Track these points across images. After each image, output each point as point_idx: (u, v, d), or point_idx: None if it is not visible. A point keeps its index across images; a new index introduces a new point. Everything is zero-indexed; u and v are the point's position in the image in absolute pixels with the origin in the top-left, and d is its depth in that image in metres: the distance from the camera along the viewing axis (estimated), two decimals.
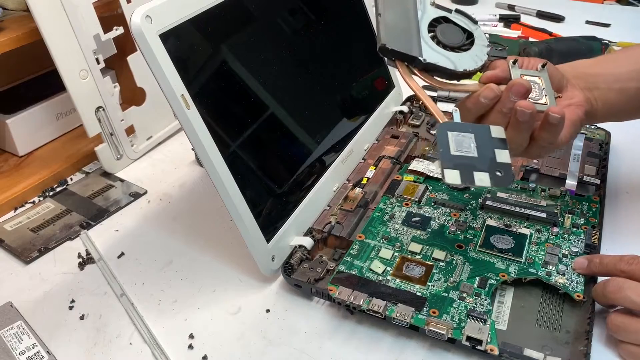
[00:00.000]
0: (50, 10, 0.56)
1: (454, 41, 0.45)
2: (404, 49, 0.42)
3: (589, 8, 1.13)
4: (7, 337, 0.45)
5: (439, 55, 0.43)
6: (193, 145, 0.44)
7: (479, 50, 0.45)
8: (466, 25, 0.46)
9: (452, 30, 0.45)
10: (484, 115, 0.45)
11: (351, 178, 0.60)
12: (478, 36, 0.46)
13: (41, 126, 0.69)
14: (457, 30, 0.46)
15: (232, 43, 0.48)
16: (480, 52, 0.45)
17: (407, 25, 0.43)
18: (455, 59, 0.44)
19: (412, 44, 0.42)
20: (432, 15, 0.45)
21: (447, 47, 0.44)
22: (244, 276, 0.51)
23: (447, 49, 0.44)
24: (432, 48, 0.43)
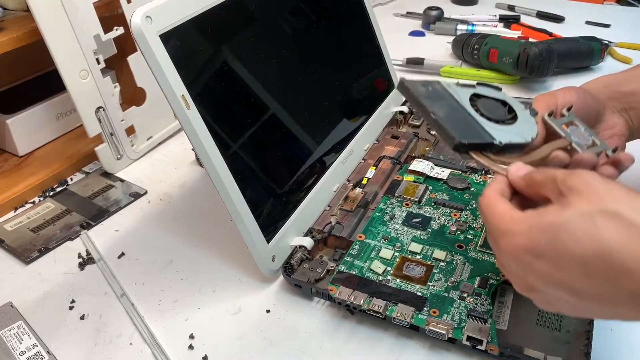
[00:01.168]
0: (50, 10, 0.56)
1: (501, 114, 0.43)
2: (477, 139, 0.39)
3: (589, 8, 1.13)
4: (7, 337, 0.45)
5: (506, 133, 0.41)
6: (193, 145, 0.44)
7: (523, 113, 0.43)
8: (494, 94, 0.45)
9: (490, 104, 0.44)
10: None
11: (351, 178, 0.60)
12: (510, 101, 0.44)
13: (41, 126, 0.69)
14: (494, 103, 0.44)
15: (232, 43, 0.48)
16: (526, 115, 0.43)
17: (461, 115, 0.41)
18: (516, 130, 0.42)
19: (479, 131, 0.40)
20: (465, 95, 0.43)
21: (500, 122, 0.42)
22: (244, 276, 0.51)
23: (504, 124, 0.42)
24: (495, 128, 0.41)
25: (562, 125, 0.43)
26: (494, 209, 0.36)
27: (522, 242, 0.33)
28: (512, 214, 0.35)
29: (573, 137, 0.42)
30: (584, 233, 0.31)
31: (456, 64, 0.88)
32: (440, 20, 1.04)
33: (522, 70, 0.80)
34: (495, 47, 0.84)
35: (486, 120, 0.41)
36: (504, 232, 0.34)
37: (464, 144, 0.38)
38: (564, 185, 0.33)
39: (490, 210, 0.36)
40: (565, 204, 0.32)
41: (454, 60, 0.91)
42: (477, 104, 0.43)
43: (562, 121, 0.44)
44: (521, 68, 0.80)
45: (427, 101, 0.41)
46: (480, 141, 0.39)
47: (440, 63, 0.87)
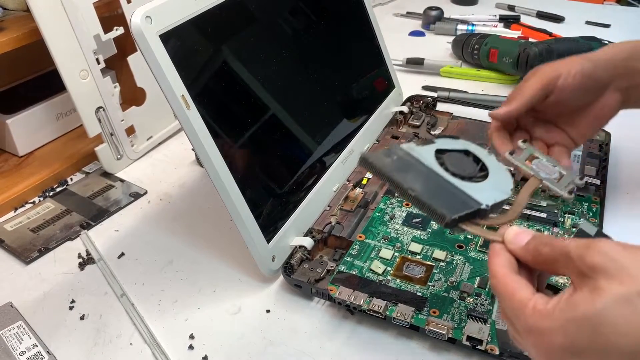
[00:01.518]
0: (50, 11, 0.56)
1: (471, 168, 0.40)
2: (466, 209, 0.36)
3: (588, 8, 1.13)
4: (7, 337, 0.45)
5: (487, 191, 0.38)
6: (193, 146, 0.44)
7: (491, 162, 0.41)
8: (455, 145, 0.41)
9: (456, 158, 0.41)
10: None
11: (351, 178, 0.60)
12: (473, 149, 0.41)
13: (41, 126, 0.69)
14: (459, 156, 0.41)
15: (232, 43, 0.48)
16: (494, 163, 0.41)
17: (437, 183, 0.38)
18: (494, 184, 0.39)
19: (464, 199, 0.37)
20: (430, 155, 0.40)
21: (474, 178, 0.39)
22: (244, 276, 0.51)
23: (478, 180, 0.39)
24: (474, 188, 0.38)
25: (526, 162, 0.42)
26: (513, 297, 0.32)
27: (558, 341, 0.29)
28: (536, 304, 0.31)
29: (542, 174, 0.41)
30: (627, 322, 0.27)
31: (456, 64, 0.88)
32: (440, 20, 1.04)
33: (522, 70, 0.79)
34: (495, 47, 0.84)
35: (461, 180, 0.39)
36: (533, 329, 0.30)
37: (455, 220, 0.35)
38: (583, 264, 0.30)
39: (509, 297, 0.32)
40: (595, 288, 0.29)
41: (454, 60, 0.91)
42: (444, 161, 0.40)
43: (524, 156, 0.42)
44: (521, 68, 0.79)
45: (398, 176, 0.38)
46: (469, 210, 0.36)
47: (440, 63, 0.87)
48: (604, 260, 0.29)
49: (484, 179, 0.39)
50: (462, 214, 0.35)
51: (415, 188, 0.36)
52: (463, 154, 0.41)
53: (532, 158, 0.43)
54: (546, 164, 0.42)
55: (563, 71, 0.49)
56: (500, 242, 0.35)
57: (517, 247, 0.34)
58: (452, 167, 0.39)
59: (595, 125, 0.52)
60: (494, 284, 0.33)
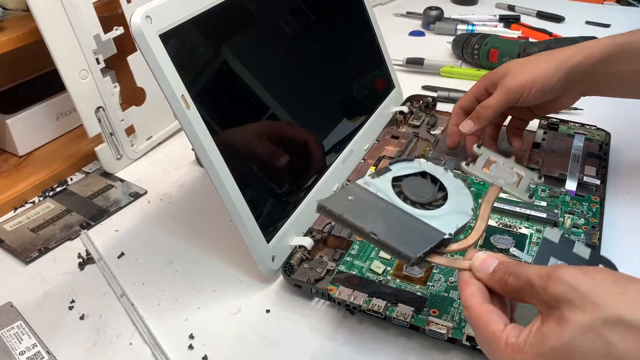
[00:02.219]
0: (50, 10, 0.56)
1: (430, 192, 0.39)
2: (430, 243, 0.36)
3: (588, 8, 1.13)
4: (7, 337, 0.45)
5: (448, 217, 0.38)
6: (193, 145, 0.44)
7: (449, 180, 0.40)
8: (411, 168, 0.41)
9: (414, 184, 0.40)
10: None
11: (351, 178, 0.60)
12: (429, 169, 0.41)
13: (41, 126, 0.69)
14: (416, 180, 0.40)
15: (232, 43, 0.48)
16: (452, 181, 0.40)
17: (398, 219, 0.37)
18: (455, 207, 0.38)
19: (426, 232, 0.37)
20: (387, 186, 0.39)
21: (434, 203, 0.39)
22: (244, 276, 0.51)
23: (439, 205, 0.39)
24: (436, 216, 0.37)
25: (483, 170, 0.41)
26: (487, 329, 0.32)
27: None
28: (509, 337, 0.31)
29: (500, 180, 0.41)
30: (594, 351, 0.28)
31: (456, 64, 0.88)
32: (440, 20, 1.04)
33: None
34: (495, 47, 0.84)
35: (421, 209, 0.38)
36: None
37: (420, 257, 0.35)
38: (546, 295, 0.30)
39: (483, 328, 0.33)
40: (560, 319, 0.29)
41: (454, 60, 0.91)
42: (401, 189, 0.39)
43: (481, 163, 0.41)
44: None
45: (358, 220, 0.37)
46: (433, 244, 0.36)
47: (440, 63, 0.87)
48: (565, 290, 0.30)
49: (444, 200, 0.39)
50: (427, 249, 0.35)
51: (377, 231, 0.36)
52: (420, 177, 0.41)
53: (489, 163, 0.42)
54: (503, 167, 0.42)
55: (526, 89, 0.54)
56: (469, 269, 0.35)
57: (485, 275, 0.34)
58: (410, 195, 0.39)
59: (556, 110, 0.60)
60: (468, 315, 0.34)
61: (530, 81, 0.54)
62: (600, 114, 0.68)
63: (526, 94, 0.54)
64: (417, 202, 0.38)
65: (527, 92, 0.54)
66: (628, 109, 0.69)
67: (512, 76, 0.55)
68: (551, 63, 0.54)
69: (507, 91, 0.54)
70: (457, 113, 0.60)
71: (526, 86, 0.54)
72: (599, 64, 0.53)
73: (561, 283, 0.30)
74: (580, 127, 0.68)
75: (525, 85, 0.54)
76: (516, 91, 0.54)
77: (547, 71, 0.54)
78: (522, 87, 0.54)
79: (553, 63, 0.54)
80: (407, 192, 0.39)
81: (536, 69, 0.54)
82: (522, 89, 0.54)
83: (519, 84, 0.54)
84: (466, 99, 0.60)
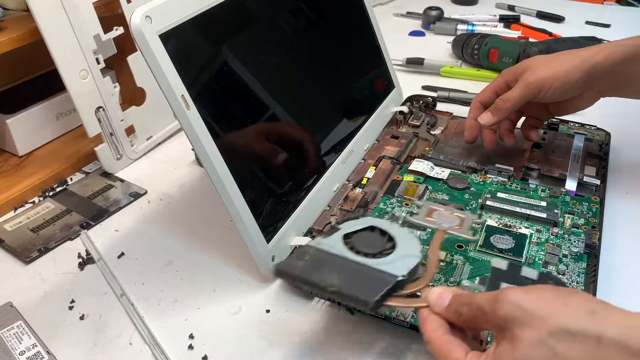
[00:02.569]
0: (50, 10, 0.56)
1: (380, 243, 0.41)
2: (385, 286, 0.37)
3: (588, 8, 1.13)
4: (7, 337, 0.45)
5: (399, 261, 0.39)
6: (193, 146, 0.44)
7: (395, 230, 0.42)
8: (359, 224, 0.43)
9: (364, 238, 0.42)
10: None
11: (351, 178, 0.60)
12: (376, 223, 0.43)
13: (41, 126, 0.69)
14: (366, 235, 0.42)
15: (232, 43, 0.48)
16: (399, 231, 0.42)
17: (352, 270, 0.39)
18: (405, 252, 0.40)
19: (381, 277, 0.38)
20: (338, 243, 0.41)
21: (385, 252, 0.40)
22: (244, 276, 0.51)
23: (389, 252, 0.40)
24: (387, 262, 0.39)
25: (426, 218, 0.44)
26: (448, 358, 0.34)
27: None
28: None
29: (444, 225, 0.43)
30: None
31: (456, 64, 0.88)
32: (440, 20, 1.04)
33: None
34: (495, 47, 0.84)
35: (373, 258, 0.39)
36: None
37: (378, 301, 0.36)
38: (497, 318, 0.32)
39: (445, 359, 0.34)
40: (512, 338, 0.31)
41: (454, 60, 0.91)
42: (353, 244, 0.41)
43: (424, 213, 0.44)
44: None
45: (314, 276, 0.38)
46: (389, 286, 0.37)
47: (440, 63, 0.87)
48: (512, 310, 0.31)
49: (394, 249, 0.41)
50: (383, 292, 0.36)
51: (333, 282, 0.37)
52: (369, 231, 0.43)
53: (432, 211, 0.46)
54: (445, 213, 0.45)
55: (546, 85, 0.54)
56: (426, 306, 0.36)
57: (441, 309, 0.36)
58: (362, 247, 0.41)
59: (573, 110, 0.60)
60: (431, 349, 0.35)
61: (551, 77, 0.54)
62: (600, 114, 0.68)
63: (546, 90, 0.55)
64: (368, 253, 0.40)
65: (547, 87, 0.54)
66: (628, 109, 0.69)
67: (533, 71, 0.55)
68: (573, 61, 0.55)
69: (528, 85, 0.55)
70: (476, 107, 0.61)
71: (547, 82, 0.54)
72: (619, 64, 0.54)
73: (507, 303, 0.31)
74: (580, 127, 0.68)
75: (546, 80, 0.54)
76: (536, 86, 0.55)
77: (569, 68, 0.54)
78: (543, 83, 0.55)
79: (575, 61, 0.55)
80: (358, 246, 0.41)
81: (558, 66, 0.55)
82: (543, 85, 0.55)
83: (540, 79, 0.55)
84: (485, 94, 0.60)
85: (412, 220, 0.44)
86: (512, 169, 0.60)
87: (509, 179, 0.58)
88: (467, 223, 0.45)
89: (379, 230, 0.42)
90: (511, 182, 0.58)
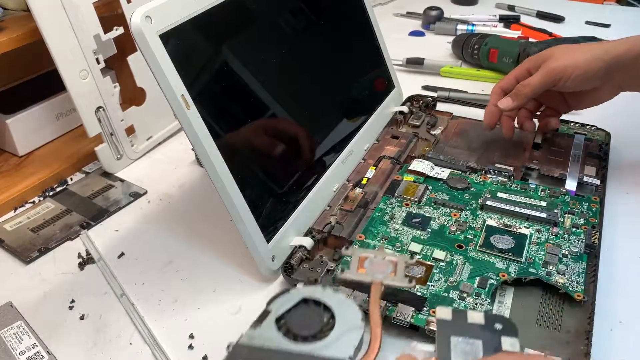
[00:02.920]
0: (50, 10, 0.56)
1: (318, 320, 0.37)
2: None
3: (588, 8, 1.13)
4: (7, 337, 0.45)
5: (343, 339, 0.36)
6: (193, 146, 0.44)
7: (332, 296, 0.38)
8: (290, 299, 0.40)
9: (297, 317, 0.38)
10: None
11: (351, 178, 0.60)
12: (308, 293, 0.39)
13: (41, 126, 0.69)
14: (299, 312, 0.38)
15: (232, 43, 0.48)
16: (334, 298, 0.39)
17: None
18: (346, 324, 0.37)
19: None
20: (272, 330, 0.37)
21: (326, 329, 0.37)
22: (244, 276, 0.51)
23: (330, 328, 0.37)
24: (331, 345, 0.36)
25: (358, 271, 0.41)
26: None
27: None
28: None
29: (378, 275, 0.40)
30: None
31: (456, 64, 0.88)
32: (440, 20, 1.04)
33: None
34: (495, 47, 0.84)
35: (312, 342, 0.36)
36: None
37: None
38: None
39: None
40: None
41: (454, 60, 0.91)
42: (288, 328, 0.37)
43: (355, 265, 0.41)
44: None
45: None
46: None
47: (440, 63, 0.87)
48: None
49: (333, 321, 0.38)
50: None
51: None
52: (302, 306, 0.39)
53: (362, 261, 0.42)
54: (376, 260, 0.41)
55: (566, 73, 0.55)
56: None
57: None
58: (298, 330, 0.37)
59: (591, 103, 0.61)
60: None
61: (572, 65, 0.55)
62: (600, 114, 0.68)
63: (566, 78, 0.56)
64: (307, 336, 0.37)
65: (567, 75, 0.55)
66: (628, 109, 0.69)
67: (556, 59, 0.56)
68: (595, 51, 0.56)
69: (549, 71, 0.56)
70: (497, 92, 0.61)
71: (567, 69, 0.55)
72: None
73: None
74: (580, 127, 0.68)
75: (567, 68, 0.55)
76: (558, 73, 0.56)
77: (590, 58, 0.55)
78: (564, 70, 0.55)
79: (596, 51, 0.56)
80: (294, 329, 0.37)
81: (580, 55, 0.56)
82: (563, 72, 0.55)
83: (561, 67, 0.56)
84: (507, 80, 0.61)
85: (345, 277, 0.41)
86: (512, 169, 0.60)
87: (509, 179, 0.58)
88: (401, 267, 0.41)
89: (313, 302, 0.39)
90: (511, 182, 0.58)
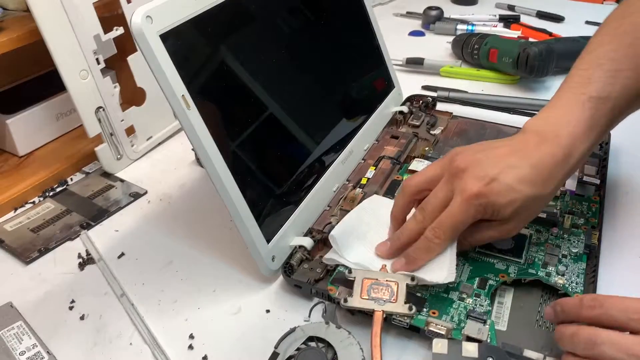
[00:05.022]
0: (50, 11, 0.56)
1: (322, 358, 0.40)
2: None
3: (589, 8, 1.13)
4: (7, 337, 0.45)
5: None
6: (193, 146, 0.44)
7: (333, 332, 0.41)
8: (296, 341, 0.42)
9: (305, 357, 0.40)
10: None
11: (351, 178, 0.60)
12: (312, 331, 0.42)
13: (41, 126, 0.69)
14: (307, 352, 0.41)
15: (232, 43, 0.48)
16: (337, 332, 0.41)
17: None
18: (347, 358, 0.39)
19: None
20: None
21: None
22: (244, 276, 0.51)
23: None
24: None
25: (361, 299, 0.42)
26: None
27: None
28: None
29: (380, 302, 0.42)
30: None
31: (456, 64, 0.88)
32: (440, 20, 1.04)
33: (522, 70, 0.80)
34: (495, 47, 0.84)
35: None
36: None
37: None
38: None
39: None
40: None
41: (453, 60, 0.91)
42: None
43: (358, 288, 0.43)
44: (521, 68, 0.80)
45: None
46: None
47: (440, 63, 0.87)
48: None
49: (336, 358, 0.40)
50: None
51: None
52: (308, 343, 0.41)
53: (365, 286, 0.43)
54: (380, 283, 0.43)
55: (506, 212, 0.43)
56: None
57: None
58: None
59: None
60: None
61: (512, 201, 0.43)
62: None
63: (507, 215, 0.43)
64: None
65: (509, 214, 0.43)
66: None
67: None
68: (546, 167, 0.43)
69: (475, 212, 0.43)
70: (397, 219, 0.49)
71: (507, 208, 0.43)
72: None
73: None
74: None
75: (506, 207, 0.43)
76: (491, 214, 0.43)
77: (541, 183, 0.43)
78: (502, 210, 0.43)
79: (549, 166, 0.43)
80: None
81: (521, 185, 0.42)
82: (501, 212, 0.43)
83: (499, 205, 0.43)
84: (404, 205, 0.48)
85: (348, 306, 0.42)
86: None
87: None
88: (402, 290, 0.42)
89: (317, 339, 0.41)
90: None
